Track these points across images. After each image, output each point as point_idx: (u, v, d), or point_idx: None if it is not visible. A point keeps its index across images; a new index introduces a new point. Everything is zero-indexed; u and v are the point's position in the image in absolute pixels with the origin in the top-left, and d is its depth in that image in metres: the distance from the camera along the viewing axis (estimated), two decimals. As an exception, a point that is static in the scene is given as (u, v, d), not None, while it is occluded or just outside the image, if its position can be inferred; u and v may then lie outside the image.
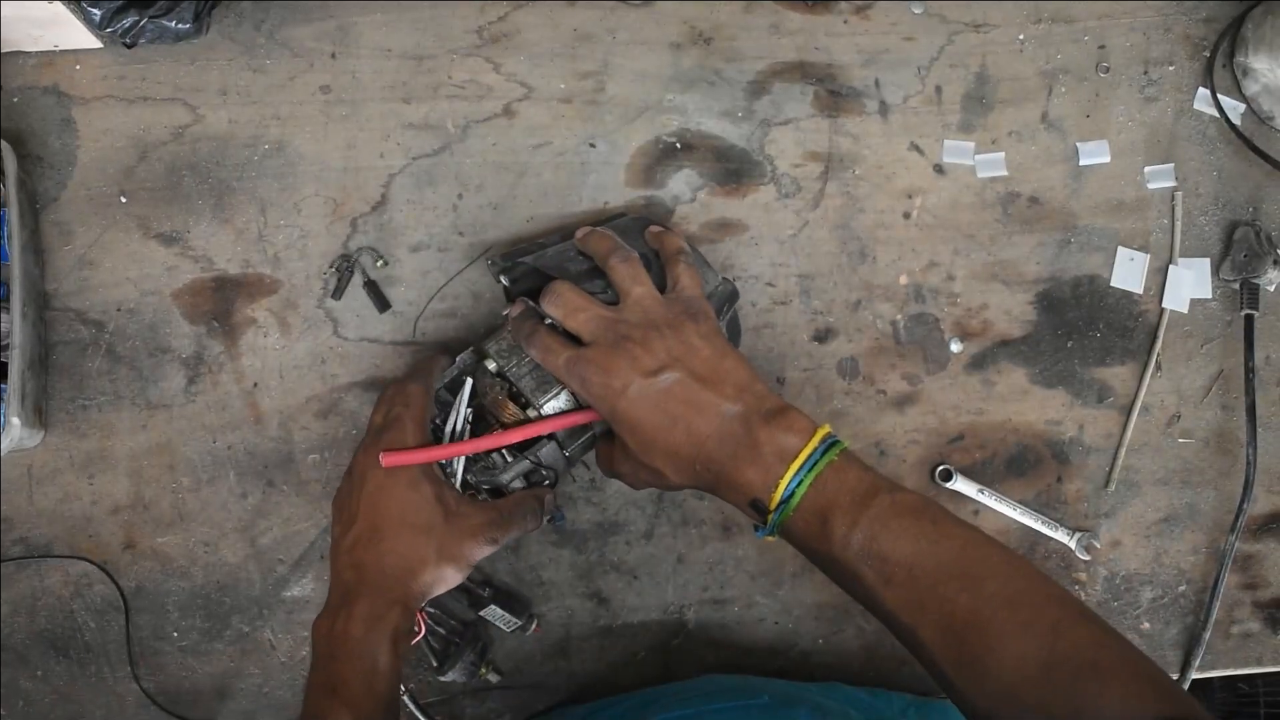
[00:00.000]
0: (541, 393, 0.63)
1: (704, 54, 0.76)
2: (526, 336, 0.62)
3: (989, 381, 0.77)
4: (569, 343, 0.60)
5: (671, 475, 0.59)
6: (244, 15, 0.74)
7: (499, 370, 0.65)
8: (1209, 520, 0.78)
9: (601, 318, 0.60)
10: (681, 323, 0.59)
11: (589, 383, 0.59)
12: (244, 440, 0.73)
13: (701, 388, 0.57)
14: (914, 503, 0.54)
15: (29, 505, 0.73)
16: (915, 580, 0.52)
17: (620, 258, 0.62)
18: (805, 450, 0.55)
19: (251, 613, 0.74)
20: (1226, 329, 0.78)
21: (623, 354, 0.58)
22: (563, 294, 0.61)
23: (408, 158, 0.75)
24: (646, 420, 0.57)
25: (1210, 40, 0.79)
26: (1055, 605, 0.51)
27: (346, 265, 0.74)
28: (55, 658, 0.73)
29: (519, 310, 0.64)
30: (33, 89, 0.73)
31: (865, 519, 0.53)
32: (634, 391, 0.57)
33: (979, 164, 0.77)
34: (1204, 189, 0.78)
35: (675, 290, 0.62)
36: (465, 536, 0.62)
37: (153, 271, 0.73)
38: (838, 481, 0.55)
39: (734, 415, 0.57)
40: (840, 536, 0.53)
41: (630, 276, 0.61)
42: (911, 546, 0.53)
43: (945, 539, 0.53)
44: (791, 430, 0.56)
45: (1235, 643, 0.79)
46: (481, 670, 0.72)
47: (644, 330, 0.58)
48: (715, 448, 0.57)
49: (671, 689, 0.71)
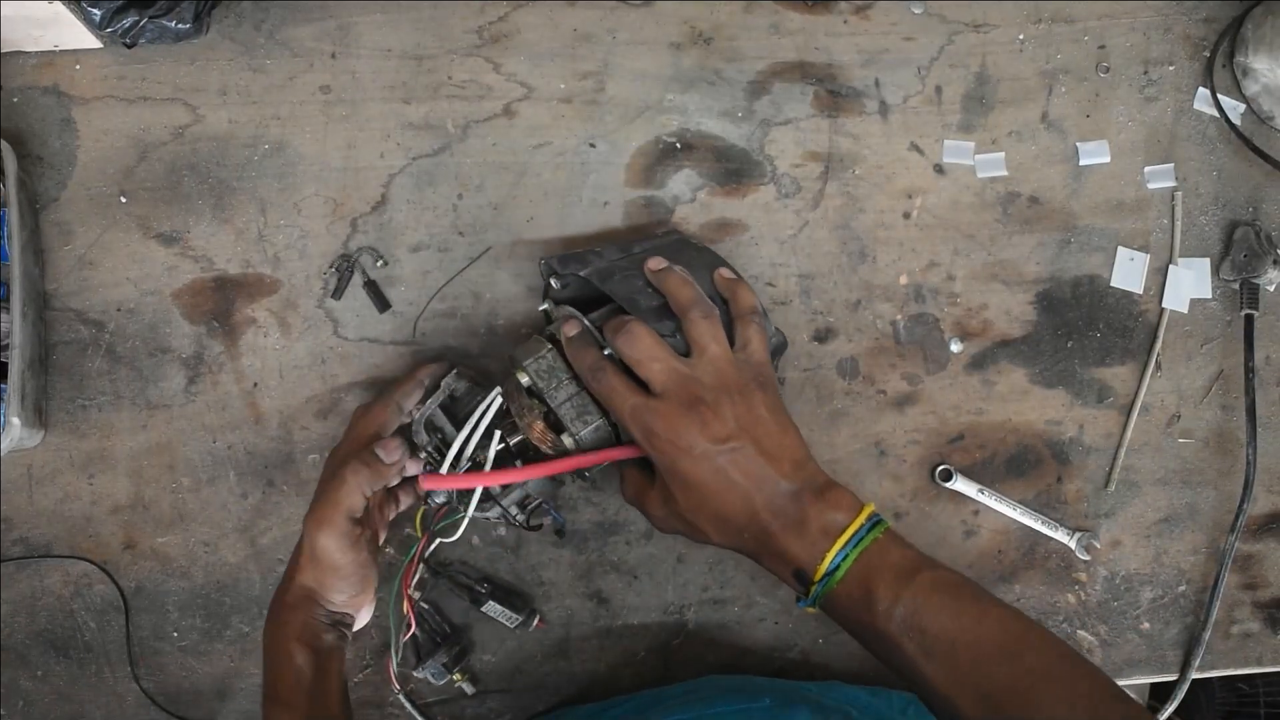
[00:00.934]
0: (582, 422, 0.62)
1: (704, 54, 0.76)
2: (591, 370, 0.61)
3: (989, 381, 0.77)
4: (637, 388, 0.60)
5: (714, 535, 0.60)
6: (244, 15, 0.74)
7: (532, 387, 0.63)
8: (1209, 520, 0.78)
9: (677, 372, 0.59)
10: (751, 391, 0.60)
11: (654, 435, 0.58)
12: (244, 440, 0.73)
13: (764, 461, 0.58)
14: (955, 580, 0.57)
15: (29, 505, 0.73)
16: (956, 654, 0.54)
17: (702, 313, 0.61)
18: (852, 526, 0.57)
19: (251, 613, 0.74)
20: (1226, 329, 0.78)
21: (694, 415, 0.58)
22: (641, 339, 0.59)
23: (408, 158, 0.75)
24: (705, 484, 0.58)
25: (1210, 40, 0.79)
26: (1090, 681, 0.54)
27: (346, 265, 0.74)
28: (55, 658, 0.73)
29: (575, 332, 0.62)
30: (33, 89, 0.73)
31: (908, 593, 0.55)
32: (699, 453, 0.58)
33: (979, 164, 0.77)
34: (1204, 189, 0.78)
35: (745, 352, 0.62)
36: (323, 484, 0.64)
37: (153, 271, 0.73)
38: (881, 557, 0.57)
39: (788, 491, 0.58)
40: (883, 609, 0.55)
41: (710, 335, 0.60)
42: (953, 621, 0.55)
43: (986, 615, 0.55)
44: (839, 507, 0.58)
45: (1235, 643, 0.79)
46: (455, 676, 0.72)
47: (716, 394, 0.59)
48: (766, 519, 0.58)
49: (672, 691, 0.71)
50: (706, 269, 0.66)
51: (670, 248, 0.68)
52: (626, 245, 0.68)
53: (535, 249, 0.75)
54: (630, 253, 0.67)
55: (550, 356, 0.63)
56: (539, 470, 0.61)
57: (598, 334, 0.62)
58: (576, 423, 0.62)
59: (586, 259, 0.66)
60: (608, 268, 0.65)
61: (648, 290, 0.63)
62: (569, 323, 0.63)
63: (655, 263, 0.64)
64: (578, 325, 0.63)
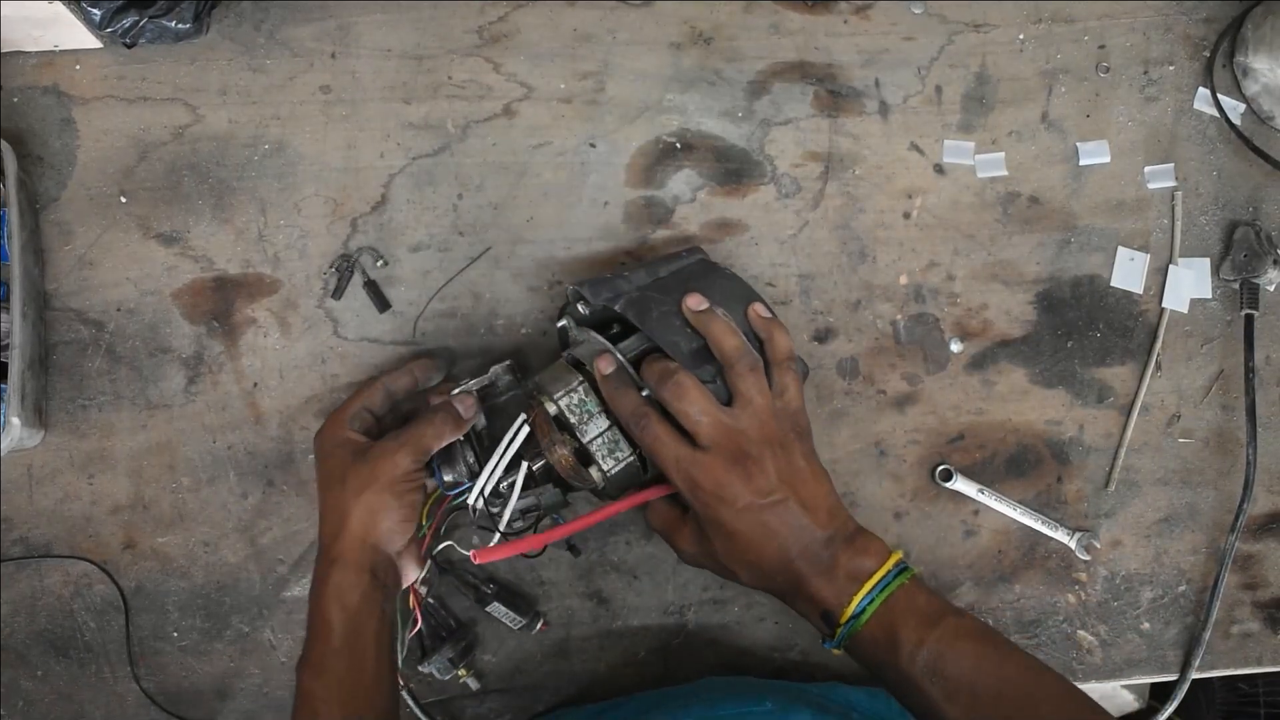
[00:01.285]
0: (614, 459, 0.62)
1: (704, 54, 0.76)
2: (633, 415, 0.61)
3: (989, 381, 0.77)
4: (682, 439, 0.60)
5: (744, 578, 0.62)
6: (244, 15, 0.74)
7: (561, 418, 0.62)
8: (1209, 520, 0.78)
9: (723, 426, 0.60)
10: (791, 442, 0.61)
11: (699, 488, 0.60)
12: (244, 440, 0.73)
13: (802, 512, 0.60)
14: (978, 628, 0.59)
15: (29, 505, 0.73)
16: (977, 698, 0.56)
17: (748, 365, 0.61)
18: (879, 572, 0.59)
19: (251, 613, 0.74)
20: (1226, 329, 0.78)
21: (739, 470, 0.59)
22: (689, 393, 0.60)
23: (408, 158, 0.75)
24: (744, 535, 0.60)
25: (1210, 40, 0.79)
26: None
27: (346, 265, 0.74)
28: (55, 658, 0.73)
29: (611, 370, 0.62)
30: (33, 89, 0.73)
31: (932, 638, 0.57)
32: (742, 506, 0.59)
33: (979, 164, 0.77)
34: (1204, 189, 0.78)
35: (783, 399, 0.62)
36: (377, 460, 0.63)
37: (153, 271, 0.73)
38: (907, 602, 0.59)
39: (822, 538, 0.60)
40: (907, 652, 0.57)
41: (757, 388, 0.61)
42: (975, 666, 0.57)
43: (1007, 662, 0.57)
44: (868, 554, 0.60)
45: (1235, 643, 0.79)
46: (460, 671, 0.72)
47: (759, 447, 0.60)
48: (800, 566, 0.60)
49: (673, 693, 0.71)
50: (739, 301, 0.65)
51: (697, 271, 0.67)
52: (652, 268, 0.67)
53: (535, 249, 0.75)
54: (658, 276, 0.66)
55: (582, 390, 0.62)
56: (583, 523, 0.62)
57: (632, 371, 0.62)
58: (608, 459, 0.62)
59: (616, 285, 0.65)
60: (641, 299, 0.64)
61: (686, 331, 0.63)
62: (604, 358, 0.62)
63: (695, 301, 0.63)
64: (613, 362, 0.62)
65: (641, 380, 0.62)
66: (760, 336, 0.64)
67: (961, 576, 0.77)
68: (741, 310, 0.65)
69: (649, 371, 0.61)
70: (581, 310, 0.65)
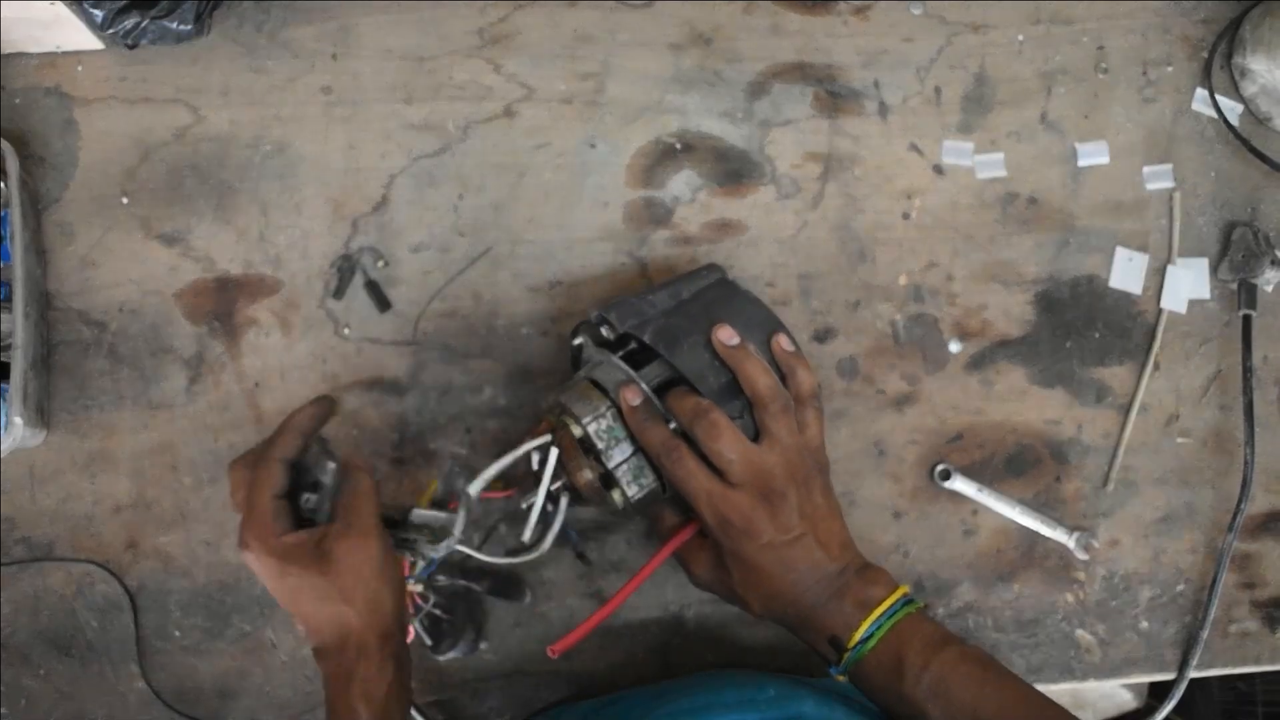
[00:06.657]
0: (638, 485, 0.63)
1: (704, 55, 0.77)
2: (663, 449, 0.61)
3: (988, 381, 0.77)
4: (712, 474, 0.61)
5: (757, 608, 0.63)
6: (245, 16, 0.74)
7: (586, 441, 0.62)
8: (1207, 519, 0.78)
9: (754, 465, 0.61)
10: (813, 479, 0.63)
11: (728, 524, 0.61)
12: (246, 440, 0.74)
13: (818, 547, 0.62)
14: (981, 655, 0.61)
15: (31, 505, 0.73)
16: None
17: (781, 406, 0.62)
18: (888, 601, 0.62)
19: (253, 612, 0.74)
20: (1224, 329, 0.79)
21: (766, 507, 0.61)
22: (724, 434, 0.60)
23: (409, 158, 0.75)
24: (764, 568, 0.62)
25: (1208, 41, 0.79)
26: None
27: (347, 265, 0.74)
28: (57, 657, 0.73)
29: (638, 401, 0.62)
30: (35, 90, 0.73)
31: (936, 663, 0.59)
32: (765, 542, 0.61)
33: (978, 164, 0.78)
34: (1202, 189, 0.79)
35: (805, 436, 0.63)
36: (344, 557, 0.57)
37: (155, 272, 0.74)
38: (912, 629, 0.61)
39: (834, 571, 0.62)
40: (912, 676, 0.59)
41: (787, 428, 0.62)
42: (977, 691, 0.58)
43: (1007, 689, 0.59)
44: (877, 584, 0.62)
45: (1233, 642, 0.79)
46: (482, 646, 0.72)
47: (785, 484, 0.61)
48: (812, 597, 0.62)
49: (675, 684, 0.72)
50: (761, 329, 0.65)
51: (720, 295, 0.67)
52: (674, 289, 0.67)
53: (535, 249, 0.75)
54: (680, 298, 0.66)
55: (610, 416, 0.63)
56: (639, 579, 0.65)
57: (658, 402, 0.63)
58: (632, 485, 0.63)
59: (641, 310, 0.65)
60: (669, 329, 0.64)
61: (715, 364, 0.63)
62: (629, 389, 0.62)
63: (726, 334, 0.63)
64: (639, 394, 0.63)
65: (667, 411, 0.62)
66: (782, 370, 0.65)
67: (960, 576, 0.77)
68: (763, 338, 0.65)
69: (679, 406, 0.62)
70: (605, 334, 0.66)
